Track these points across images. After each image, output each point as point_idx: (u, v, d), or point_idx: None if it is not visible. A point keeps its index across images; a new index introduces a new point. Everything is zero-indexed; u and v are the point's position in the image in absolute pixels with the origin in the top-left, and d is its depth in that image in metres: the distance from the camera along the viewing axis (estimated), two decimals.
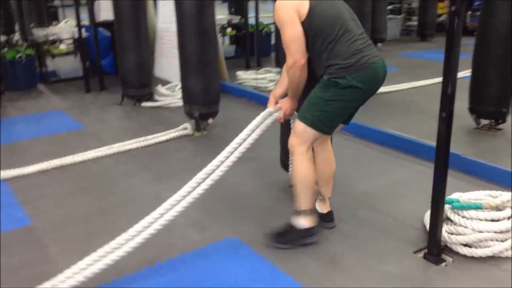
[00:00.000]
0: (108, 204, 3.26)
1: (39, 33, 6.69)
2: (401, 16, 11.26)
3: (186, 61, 4.38)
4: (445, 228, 2.59)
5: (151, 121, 5.08)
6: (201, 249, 2.67)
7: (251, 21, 7.94)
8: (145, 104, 5.60)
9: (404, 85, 6.10)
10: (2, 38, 6.87)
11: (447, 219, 2.65)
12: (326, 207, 2.86)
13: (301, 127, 2.52)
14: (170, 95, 5.74)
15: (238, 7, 8.35)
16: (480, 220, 2.55)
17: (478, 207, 2.59)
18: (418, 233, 2.77)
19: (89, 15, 6.48)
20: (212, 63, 4.44)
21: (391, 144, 4.05)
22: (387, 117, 4.87)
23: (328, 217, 2.86)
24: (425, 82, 6.20)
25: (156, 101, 5.67)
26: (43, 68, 6.86)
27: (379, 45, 8.56)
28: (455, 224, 2.59)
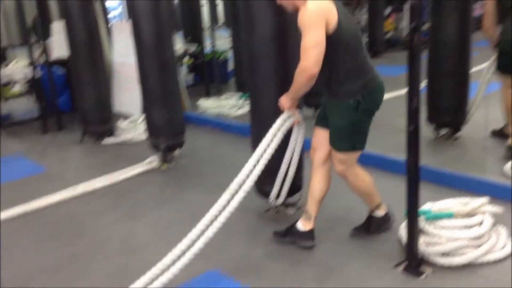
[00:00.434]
0: (78, 249, 3.14)
1: None
2: None
3: (148, 94, 4.34)
4: (421, 239, 2.63)
5: (115, 157, 4.97)
6: (182, 284, 2.60)
7: (208, 48, 7.98)
8: (107, 140, 5.49)
9: None
10: None
11: (422, 230, 2.70)
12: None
13: (343, 157, 2.69)
14: (132, 129, 5.65)
15: (194, 36, 8.39)
16: (453, 228, 2.61)
17: (450, 216, 2.66)
18: (395, 247, 2.80)
19: (42, 53, 6.33)
20: (174, 93, 4.43)
21: (360, 160, 4.10)
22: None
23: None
24: None
25: (118, 136, 5.57)
26: None
27: None
28: (431, 234, 2.64)
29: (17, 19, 9.28)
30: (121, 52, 6.62)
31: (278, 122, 2.76)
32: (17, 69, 6.88)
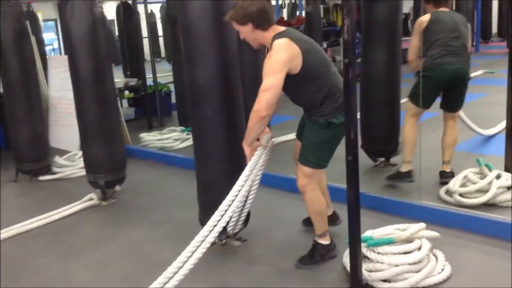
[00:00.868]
0: None
1: None
2: None
3: (86, 129, 4.22)
4: (364, 266, 2.68)
5: (52, 195, 4.75)
6: None
7: (149, 81, 7.92)
8: (43, 177, 5.25)
9: None
10: None
11: (364, 257, 2.75)
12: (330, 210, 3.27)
13: (308, 171, 2.84)
14: (70, 165, 5.44)
15: (133, 69, 8.30)
16: (394, 254, 2.68)
17: (391, 242, 2.74)
18: (340, 275, 2.84)
19: None
20: (114, 128, 4.33)
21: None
22: (292, 164, 5.01)
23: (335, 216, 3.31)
24: None
25: (55, 173, 5.34)
26: None
27: None
28: (373, 261, 2.70)
29: None
30: (58, 86, 6.42)
31: (250, 164, 2.77)
32: None
